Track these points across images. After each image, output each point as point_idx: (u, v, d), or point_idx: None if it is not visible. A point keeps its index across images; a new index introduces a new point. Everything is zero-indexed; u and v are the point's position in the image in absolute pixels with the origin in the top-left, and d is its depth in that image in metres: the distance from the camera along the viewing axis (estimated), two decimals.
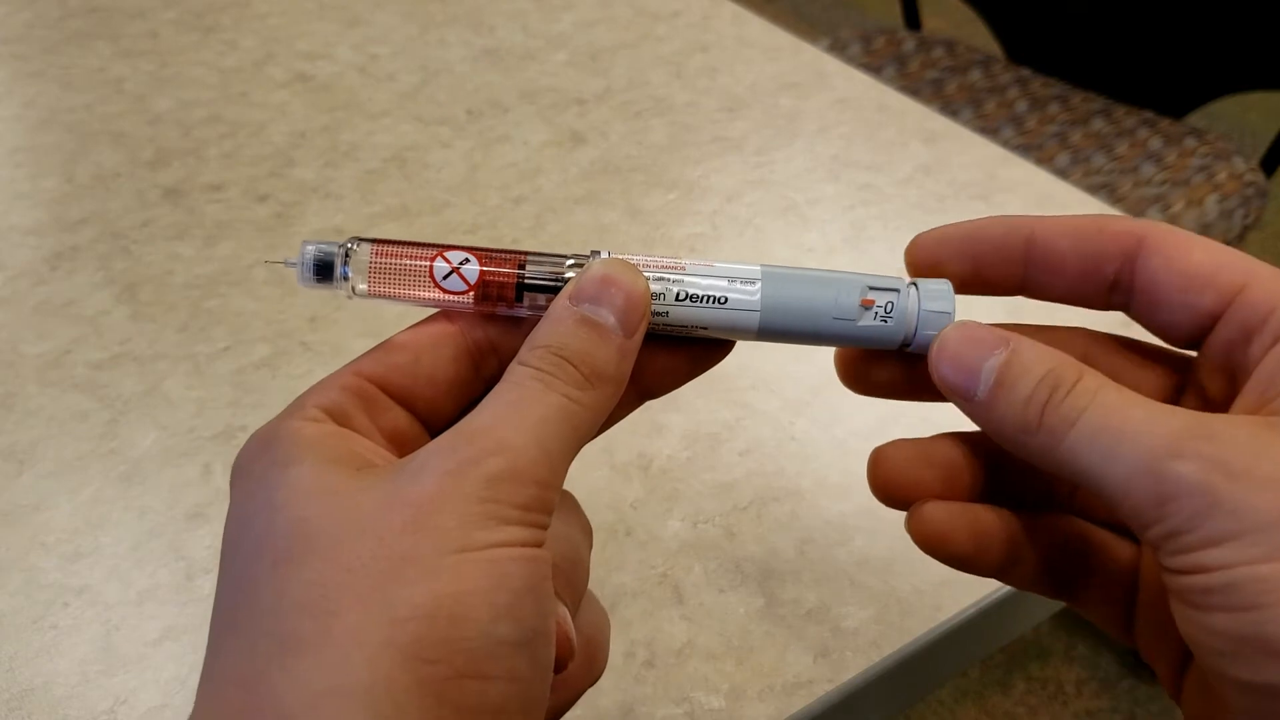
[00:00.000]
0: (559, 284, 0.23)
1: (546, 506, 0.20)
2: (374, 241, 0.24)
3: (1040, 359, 0.22)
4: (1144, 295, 0.23)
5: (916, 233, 0.25)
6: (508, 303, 0.24)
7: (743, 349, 0.26)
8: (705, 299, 0.23)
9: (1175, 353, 0.25)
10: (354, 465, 0.21)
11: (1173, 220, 0.89)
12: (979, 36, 1.21)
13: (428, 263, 0.23)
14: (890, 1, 1.30)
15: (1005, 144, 0.64)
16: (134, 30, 0.71)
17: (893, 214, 0.57)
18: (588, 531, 0.25)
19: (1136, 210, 0.91)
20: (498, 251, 0.24)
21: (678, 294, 0.23)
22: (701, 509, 0.41)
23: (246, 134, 0.61)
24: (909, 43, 1.15)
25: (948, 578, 0.39)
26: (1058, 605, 0.43)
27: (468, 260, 0.23)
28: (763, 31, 0.74)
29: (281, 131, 0.62)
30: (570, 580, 0.24)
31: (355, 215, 0.55)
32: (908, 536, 0.25)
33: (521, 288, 0.23)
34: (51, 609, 0.37)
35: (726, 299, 0.24)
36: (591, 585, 0.39)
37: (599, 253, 0.24)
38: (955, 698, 1.12)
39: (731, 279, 0.24)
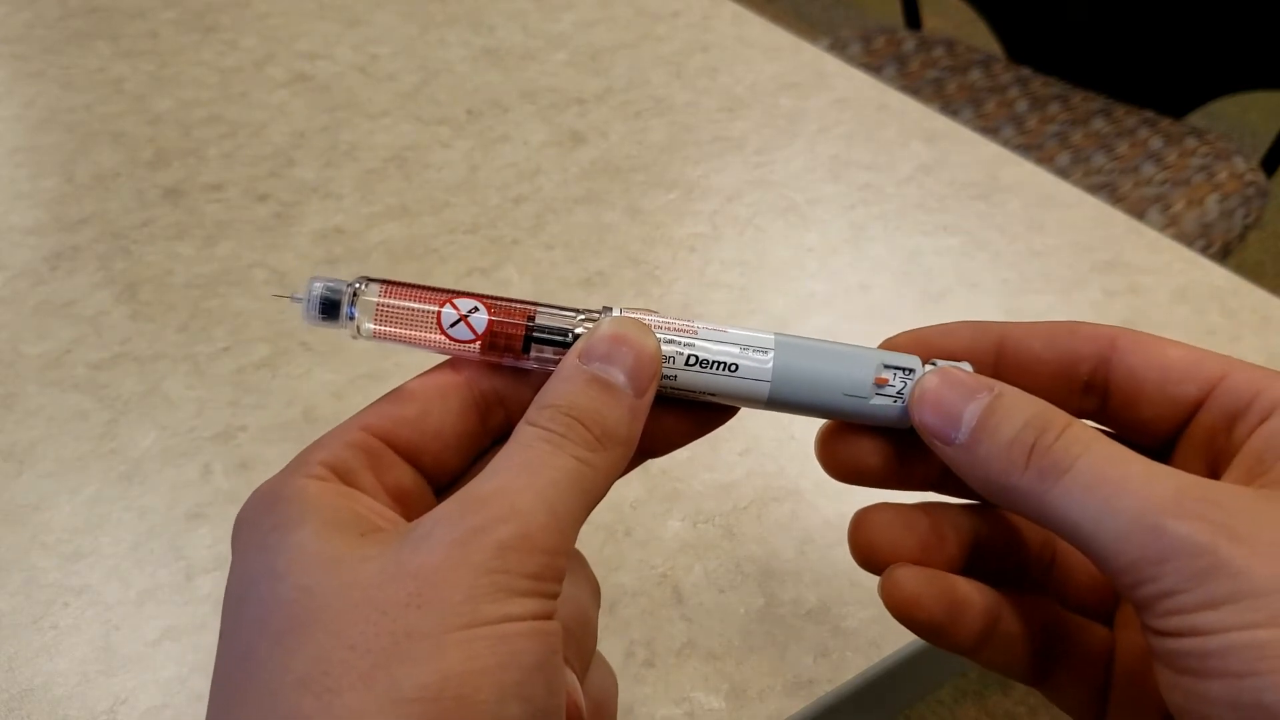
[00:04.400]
0: (568, 338, 0.23)
1: (557, 574, 0.20)
2: (383, 282, 0.23)
3: (1026, 403, 0.22)
4: (1122, 391, 0.23)
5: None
6: (514, 354, 0.23)
7: None
8: (716, 365, 0.23)
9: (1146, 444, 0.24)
10: (359, 529, 0.20)
11: (1174, 220, 0.89)
12: (979, 36, 1.21)
13: (436, 308, 0.23)
14: (890, 1, 1.30)
15: (1005, 144, 0.64)
16: (134, 30, 0.71)
17: (893, 214, 0.57)
18: (596, 591, 0.25)
19: (1137, 210, 0.91)
20: (508, 301, 0.23)
21: (688, 358, 0.23)
22: (701, 509, 0.41)
23: (246, 134, 0.61)
24: (909, 42, 1.15)
25: None
26: None
27: (476, 309, 0.23)
28: (763, 31, 0.74)
29: (281, 131, 0.62)
30: (579, 644, 0.23)
31: (355, 215, 0.55)
32: None
33: (530, 340, 0.23)
34: (51, 609, 0.37)
35: (737, 366, 0.23)
36: None
37: (610, 309, 0.23)
38: (955, 698, 1.12)
39: (744, 346, 0.23)
